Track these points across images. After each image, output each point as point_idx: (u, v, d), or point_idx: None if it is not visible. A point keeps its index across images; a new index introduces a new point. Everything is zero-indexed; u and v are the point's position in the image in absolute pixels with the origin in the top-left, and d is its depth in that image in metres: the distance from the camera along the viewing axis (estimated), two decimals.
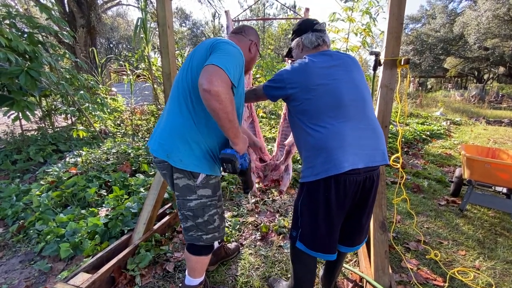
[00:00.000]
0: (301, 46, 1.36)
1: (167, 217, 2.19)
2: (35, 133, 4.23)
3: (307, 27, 1.34)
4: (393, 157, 1.86)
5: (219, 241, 1.82)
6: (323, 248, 1.19)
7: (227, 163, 1.13)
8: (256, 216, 2.46)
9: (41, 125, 4.37)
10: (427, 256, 1.96)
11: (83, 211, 2.23)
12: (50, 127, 4.40)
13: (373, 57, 1.75)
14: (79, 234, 1.92)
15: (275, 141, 4.58)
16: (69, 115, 4.64)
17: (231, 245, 1.92)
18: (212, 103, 0.93)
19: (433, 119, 8.91)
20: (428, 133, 6.26)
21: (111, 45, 26.84)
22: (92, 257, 1.67)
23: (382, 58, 1.63)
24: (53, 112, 4.42)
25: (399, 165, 1.83)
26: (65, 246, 1.82)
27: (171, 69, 1.84)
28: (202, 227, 1.25)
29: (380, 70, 1.67)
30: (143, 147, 3.72)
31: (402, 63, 1.53)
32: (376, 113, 1.69)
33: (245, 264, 1.82)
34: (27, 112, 3.14)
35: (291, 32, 1.46)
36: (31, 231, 2.05)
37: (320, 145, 1.11)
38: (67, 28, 4.30)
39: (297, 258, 1.30)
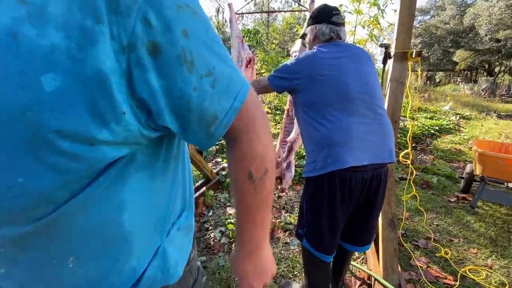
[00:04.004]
0: (313, 35, 1.27)
1: None
2: None
3: (325, 17, 1.22)
4: (402, 153, 1.82)
5: None
6: (325, 249, 1.16)
7: None
8: None
9: None
10: (437, 254, 1.92)
11: None
12: None
13: (381, 50, 1.69)
14: None
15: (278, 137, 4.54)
16: None
17: None
18: None
19: (442, 113, 8.72)
20: (436, 128, 6.13)
21: None
22: None
23: (392, 50, 1.57)
24: None
25: (409, 161, 1.78)
26: None
27: None
28: None
29: (390, 63, 1.62)
30: None
31: (413, 56, 1.47)
32: (385, 107, 1.64)
33: None
34: None
35: (309, 16, 1.36)
36: None
37: (325, 140, 1.07)
38: None
39: (308, 257, 1.27)
